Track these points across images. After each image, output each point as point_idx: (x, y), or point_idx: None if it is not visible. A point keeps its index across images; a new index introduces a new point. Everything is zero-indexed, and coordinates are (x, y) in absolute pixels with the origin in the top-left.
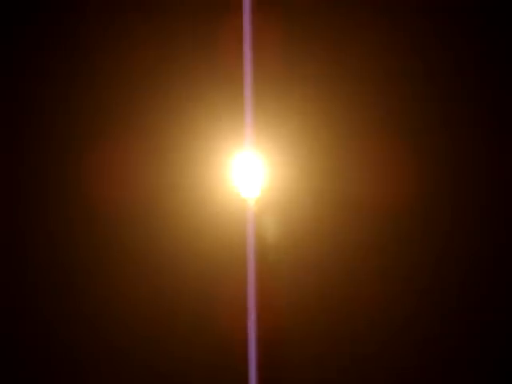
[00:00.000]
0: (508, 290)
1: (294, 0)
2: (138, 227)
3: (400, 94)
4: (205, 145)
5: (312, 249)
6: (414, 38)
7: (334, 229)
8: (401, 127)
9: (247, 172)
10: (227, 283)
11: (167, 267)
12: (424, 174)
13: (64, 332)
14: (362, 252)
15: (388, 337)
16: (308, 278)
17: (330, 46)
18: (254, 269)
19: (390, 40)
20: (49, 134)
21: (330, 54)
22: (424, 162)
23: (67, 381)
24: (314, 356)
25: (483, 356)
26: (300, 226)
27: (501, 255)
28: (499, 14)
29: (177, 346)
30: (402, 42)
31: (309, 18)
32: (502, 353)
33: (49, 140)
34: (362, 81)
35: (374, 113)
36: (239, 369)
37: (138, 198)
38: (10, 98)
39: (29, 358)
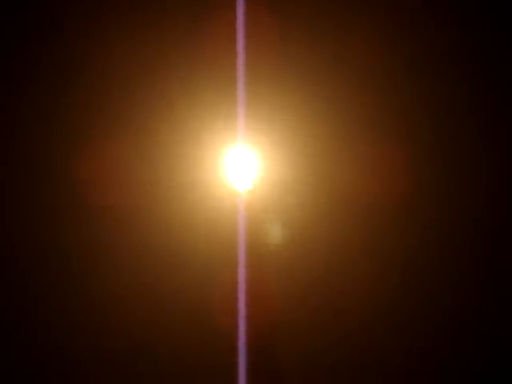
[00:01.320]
0: (505, 287)
1: None
2: (130, 222)
3: (397, 91)
4: (198, 139)
5: (304, 243)
6: (414, 33)
7: (326, 223)
8: (397, 124)
9: (240, 166)
10: (219, 277)
11: (159, 261)
12: (420, 172)
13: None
14: (354, 247)
15: (381, 334)
16: (300, 273)
17: (325, 39)
18: (246, 263)
19: (388, 36)
20: (40, 131)
21: (326, 48)
22: (420, 161)
23: (54, 377)
24: (305, 351)
25: (477, 346)
26: (292, 220)
27: (498, 255)
28: (500, 14)
29: (166, 340)
30: (401, 37)
31: (304, 10)
32: (495, 348)
33: (40, 137)
34: (359, 77)
35: (370, 109)
36: (229, 364)
37: (131, 193)
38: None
39: (22, 359)
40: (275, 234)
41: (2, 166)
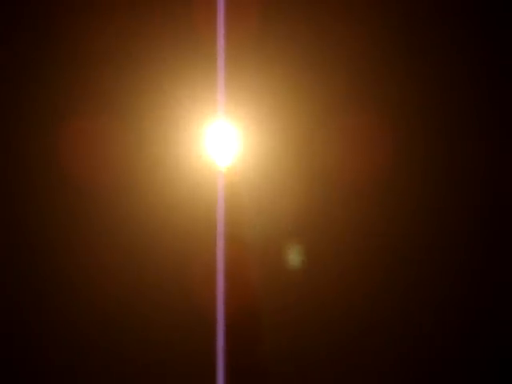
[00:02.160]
0: (499, 279)
1: None
2: (109, 198)
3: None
4: (178, 115)
5: (284, 220)
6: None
7: (306, 199)
8: (380, 98)
9: (220, 141)
10: (198, 255)
11: (137, 239)
12: (403, 149)
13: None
14: (335, 225)
15: (367, 328)
16: (279, 251)
17: (306, 10)
18: (225, 241)
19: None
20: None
21: (307, 19)
22: (403, 136)
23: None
24: (283, 337)
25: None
26: (273, 197)
27: (488, 237)
28: (500, 14)
29: (145, 323)
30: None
31: None
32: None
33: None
34: (342, 52)
35: (353, 82)
36: (208, 349)
37: (110, 169)
38: None
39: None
40: (254, 209)
41: None
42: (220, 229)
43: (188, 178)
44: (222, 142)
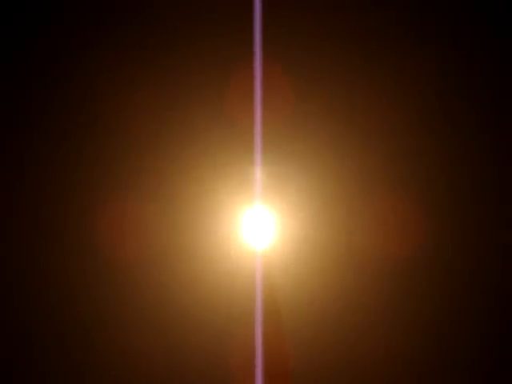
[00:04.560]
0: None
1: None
2: (148, 281)
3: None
4: (214, 199)
5: (321, 301)
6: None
7: (342, 282)
8: (415, 181)
9: (257, 225)
10: (237, 336)
11: (178, 323)
12: (433, 228)
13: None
14: (368, 306)
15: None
16: (316, 330)
17: (341, 97)
18: (263, 322)
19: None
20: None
21: (341, 106)
22: (433, 217)
23: None
24: None
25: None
26: (309, 279)
27: None
28: (501, 14)
29: None
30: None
31: (318, 65)
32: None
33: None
34: (372, 133)
35: (383, 169)
36: None
37: (148, 256)
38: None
39: None
40: (291, 291)
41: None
42: (258, 311)
43: (226, 261)
44: (259, 226)
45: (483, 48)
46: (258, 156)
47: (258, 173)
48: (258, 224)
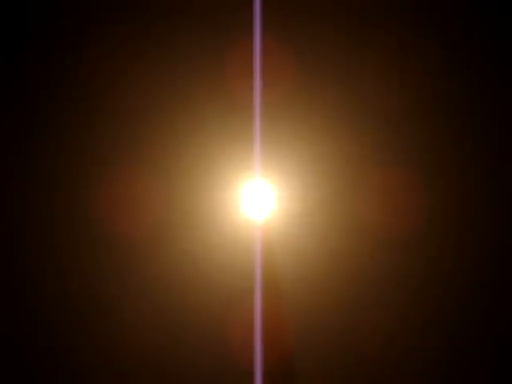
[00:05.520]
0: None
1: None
2: (146, 252)
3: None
4: (214, 173)
5: (321, 273)
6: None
7: (343, 253)
8: (415, 151)
9: (257, 197)
10: (235, 309)
11: (174, 293)
12: (438, 200)
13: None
14: (371, 276)
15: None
16: (317, 303)
17: (342, 71)
18: (262, 294)
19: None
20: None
21: (342, 80)
22: (438, 188)
23: None
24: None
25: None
26: (308, 251)
27: None
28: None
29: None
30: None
31: (320, 43)
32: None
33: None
34: (374, 109)
35: (387, 137)
36: None
37: (148, 225)
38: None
39: None
40: (291, 263)
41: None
42: (258, 283)
43: (227, 233)
44: (258, 199)
45: (481, 36)
46: (257, 129)
47: (258, 146)
48: (258, 196)
